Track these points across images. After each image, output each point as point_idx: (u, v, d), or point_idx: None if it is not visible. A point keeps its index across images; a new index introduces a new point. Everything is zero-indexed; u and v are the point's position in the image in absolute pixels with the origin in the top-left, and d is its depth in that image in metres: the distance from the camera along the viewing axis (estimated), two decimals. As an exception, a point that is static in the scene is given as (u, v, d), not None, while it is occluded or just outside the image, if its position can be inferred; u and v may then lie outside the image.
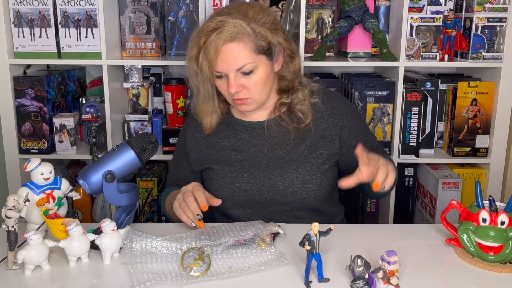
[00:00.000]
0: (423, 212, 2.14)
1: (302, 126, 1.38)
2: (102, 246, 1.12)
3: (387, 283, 0.97)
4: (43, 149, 2.00)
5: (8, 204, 1.08)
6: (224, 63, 1.27)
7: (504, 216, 1.09)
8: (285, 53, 1.36)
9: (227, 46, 1.25)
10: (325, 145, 1.39)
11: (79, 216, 2.11)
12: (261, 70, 1.30)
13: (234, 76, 1.28)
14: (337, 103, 1.43)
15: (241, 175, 1.38)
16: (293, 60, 1.38)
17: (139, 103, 2.15)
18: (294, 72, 1.39)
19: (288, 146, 1.38)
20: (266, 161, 1.39)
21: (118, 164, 1.19)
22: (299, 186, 1.36)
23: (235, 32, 1.24)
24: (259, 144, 1.40)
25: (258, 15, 1.29)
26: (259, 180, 1.37)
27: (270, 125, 1.40)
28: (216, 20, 1.26)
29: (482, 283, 1.06)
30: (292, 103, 1.39)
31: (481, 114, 1.98)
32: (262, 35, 1.27)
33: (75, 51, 1.95)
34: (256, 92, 1.32)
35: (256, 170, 1.38)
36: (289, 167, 1.37)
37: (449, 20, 1.93)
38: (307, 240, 1.00)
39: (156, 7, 2.04)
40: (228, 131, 1.43)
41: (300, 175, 1.36)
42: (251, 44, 1.26)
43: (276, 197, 1.37)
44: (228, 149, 1.42)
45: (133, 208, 1.25)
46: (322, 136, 1.40)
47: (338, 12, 2.08)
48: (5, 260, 1.10)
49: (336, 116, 1.41)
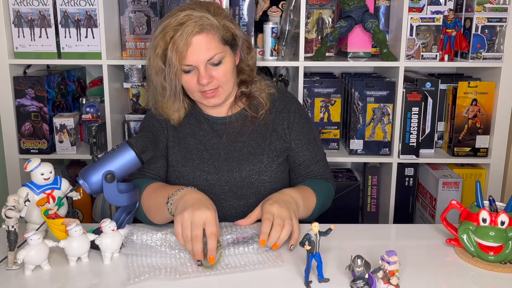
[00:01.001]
0: (423, 212, 2.14)
1: (261, 114, 1.43)
2: (102, 246, 1.12)
3: (387, 283, 0.97)
4: (43, 149, 2.00)
5: (8, 204, 1.08)
6: (194, 55, 1.29)
7: (504, 216, 1.09)
8: (243, 46, 1.42)
9: (196, 38, 1.28)
10: (278, 138, 1.44)
11: (79, 216, 2.11)
12: (228, 60, 1.35)
13: (204, 68, 1.31)
14: (290, 101, 1.50)
15: (202, 165, 1.40)
16: (250, 52, 1.45)
17: (139, 103, 2.15)
18: (253, 64, 1.47)
19: (246, 138, 1.42)
20: (225, 153, 1.42)
21: (118, 164, 1.19)
22: (255, 177, 1.39)
23: (203, 24, 1.28)
24: (219, 137, 1.43)
25: (219, 9, 1.37)
26: (218, 171, 1.40)
27: (232, 120, 1.44)
28: (181, 15, 1.29)
29: (482, 283, 1.06)
30: (251, 92, 1.45)
31: (481, 114, 1.98)
32: (226, 26, 1.34)
33: (75, 51, 1.95)
34: (226, 81, 1.36)
35: (216, 161, 1.41)
36: (247, 159, 1.41)
37: (449, 20, 1.93)
38: (307, 240, 1.00)
39: (156, 7, 2.04)
40: (191, 120, 1.46)
41: (256, 167, 1.40)
42: (218, 35, 1.31)
43: (234, 188, 1.39)
44: (190, 136, 1.44)
45: (133, 208, 1.25)
46: (275, 130, 1.45)
47: (338, 12, 2.08)
48: (5, 260, 1.10)
49: (287, 112, 1.47)
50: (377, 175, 2.17)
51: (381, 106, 1.99)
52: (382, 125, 2.00)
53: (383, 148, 2.02)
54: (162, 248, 1.14)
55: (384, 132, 2.01)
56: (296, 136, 1.46)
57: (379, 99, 1.98)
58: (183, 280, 1.04)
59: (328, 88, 2.01)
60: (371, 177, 2.16)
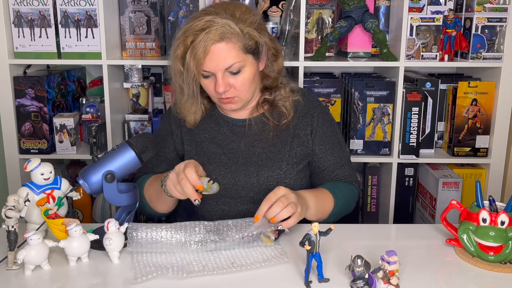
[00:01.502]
0: (423, 212, 2.14)
1: (283, 123, 1.40)
2: (110, 247, 1.12)
3: (387, 283, 0.97)
4: (43, 149, 2.00)
5: (8, 204, 1.08)
6: (212, 62, 1.27)
7: (504, 216, 1.09)
8: (270, 53, 1.38)
9: (215, 46, 1.25)
10: (299, 144, 1.42)
11: (79, 216, 2.11)
12: (248, 69, 1.31)
13: (222, 76, 1.29)
14: (314, 105, 1.47)
15: (218, 168, 1.40)
16: (277, 59, 1.41)
17: (139, 103, 2.15)
18: (278, 71, 1.42)
19: (266, 144, 1.40)
20: (243, 157, 1.41)
21: (118, 164, 1.19)
22: (273, 184, 1.36)
23: (224, 32, 1.25)
24: (238, 140, 1.42)
25: (245, 15, 1.31)
26: (235, 175, 1.39)
27: (251, 123, 1.42)
28: (204, 20, 1.26)
29: (482, 283, 1.06)
30: (275, 99, 1.42)
31: (481, 114, 1.98)
32: (249, 35, 1.29)
33: (75, 51, 1.95)
34: (243, 91, 1.33)
35: (234, 165, 1.40)
36: (265, 164, 1.39)
37: (449, 20, 1.93)
38: (307, 240, 1.00)
39: (156, 7, 2.04)
40: (210, 124, 1.45)
41: (275, 173, 1.38)
42: (239, 44, 1.28)
43: (250, 193, 1.39)
44: (209, 141, 1.43)
45: (133, 208, 1.25)
46: (297, 136, 1.42)
47: (338, 12, 2.08)
48: (5, 260, 1.10)
49: (310, 117, 1.44)
50: (377, 175, 2.17)
51: (381, 106, 1.99)
52: (382, 125, 2.00)
53: (383, 148, 2.02)
54: (169, 238, 1.14)
55: (384, 132, 2.01)
56: (320, 141, 1.43)
57: (379, 99, 1.98)
58: (190, 279, 1.04)
59: (328, 88, 2.01)
60: (371, 177, 2.16)
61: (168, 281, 1.04)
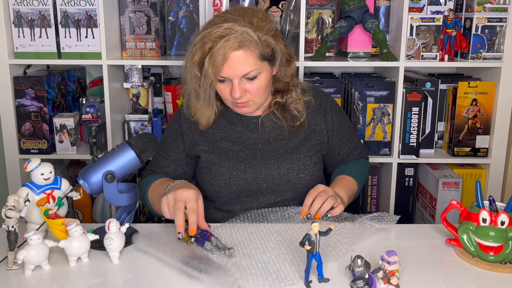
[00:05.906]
0: (423, 212, 2.14)
1: (296, 124, 1.44)
2: (111, 247, 1.12)
3: (387, 283, 0.97)
4: (43, 149, 2.00)
5: (8, 204, 1.08)
6: (230, 69, 1.29)
7: (504, 216, 1.09)
8: (284, 58, 1.40)
9: (234, 53, 1.27)
10: (315, 138, 1.47)
11: (79, 216, 2.11)
12: (263, 75, 1.34)
13: (239, 82, 1.31)
14: (325, 100, 1.52)
15: (238, 164, 1.42)
16: (290, 64, 1.43)
17: (139, 103, 2.15)
18: (291, 75, 1.44)
19: (282, 141, 1.44)
20: (261, 152, 1.44)
21: (118, 164, 1.19)
22: (293, 175, 1.42)
23: (243, 40, 1.26)
24: (253, 137, 1.45)
25: (262, 22, 1.33)
26: (256, 169, 1.42)
27: (264, 121, 1.45)
28: (223, 27, 1.27)
29: (482, 283, 1.06)
30: (286, 102, 1.44)
31: (481, 114, 1.98)
32: (267, 42, 1.31)
33: (75, 51, 1.95)
34: (258, 95, 1.36)
35: (253, 160, 1.43)
36: (284, 157, 1.43)
37: (449, 20, 1.93)
38: (307, 240, 1.00)
39: (156, 7, 2.04)
40: (223, 123, 1.47)
41: (295, 165, 1.43)
42: (257, 51, 1.29)
43: (272, 186, 1.42)
44: (224, 140, 1.45)
45: (133, 208, 1.25)
46: (313, 130, 1.47)
47: (338, 12, 2.08)
48: (5, 260, 1.10)
49: (323, 112, 1.49)
50: (377, 175, 2.17)
51: (381, 106, 1.99)
52: (382, 125, 2.00)
53: (383, 148, 2.02)
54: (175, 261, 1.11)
55: (384, 132, 2.01)
56: (337, 133, 1.51)
57: (379, 99, 1.98)
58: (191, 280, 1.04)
59: (328, 88, 2.01)
60: (371, 177, 2.16)
61: (169, 281, 1.04)
